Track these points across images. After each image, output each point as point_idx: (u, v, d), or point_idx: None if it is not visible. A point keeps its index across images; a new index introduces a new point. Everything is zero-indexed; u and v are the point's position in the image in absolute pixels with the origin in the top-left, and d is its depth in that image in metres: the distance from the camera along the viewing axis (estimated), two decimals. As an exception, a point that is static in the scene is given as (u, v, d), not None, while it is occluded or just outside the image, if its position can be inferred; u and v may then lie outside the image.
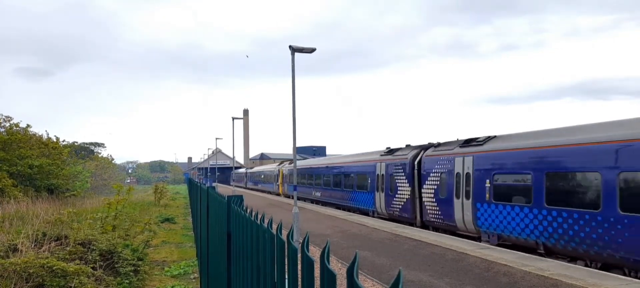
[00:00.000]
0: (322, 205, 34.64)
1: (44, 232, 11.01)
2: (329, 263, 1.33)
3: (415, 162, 21.49)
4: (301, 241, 1.62)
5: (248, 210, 3.04)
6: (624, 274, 11.48)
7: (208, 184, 10.70)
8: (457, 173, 17.90)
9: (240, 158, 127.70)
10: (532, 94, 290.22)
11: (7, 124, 33.03)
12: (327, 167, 35.02)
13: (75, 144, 52.97)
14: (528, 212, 14.40)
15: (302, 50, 19.20)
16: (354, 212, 27.59)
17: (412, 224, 21.45)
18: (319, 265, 1.40)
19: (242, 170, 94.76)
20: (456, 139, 19.69)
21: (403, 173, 22.18)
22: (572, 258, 13.09)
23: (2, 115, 33.13)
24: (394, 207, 23.08)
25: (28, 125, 34.89)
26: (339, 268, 12.31)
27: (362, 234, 18.52)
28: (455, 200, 18.04)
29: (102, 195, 33.08)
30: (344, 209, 29.71)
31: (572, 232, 12.82)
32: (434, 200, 19.54)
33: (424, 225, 20.68)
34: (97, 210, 17.06)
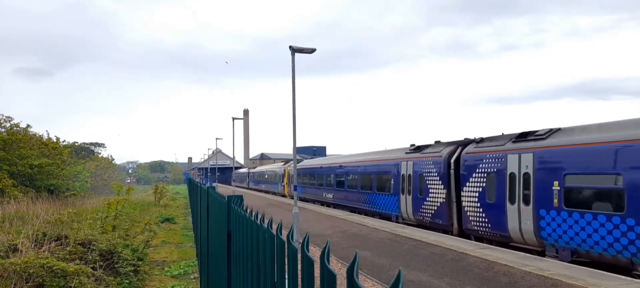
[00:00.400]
0: (334, 207, 31.62)
1: (44, 232, 11.02)
2: (329, 263, 1.33)
3: (452, 160, 18.61)
4: (301, 241, 1.63)
5: (248, 210, 3.04)
6: None
7: (208, 184, 10.70)
8: (511, 173, 15.13)
9: (240, 159, 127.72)
10: (532, 94, 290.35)
11: (8, 124, 33.05)
12: (340, 166, 31.91)
13: (76, 144, 52.99)
14: (619, 223, 11.65)
15: (302, 50, 19.20)
16: (372, 216, 24.93)
17: (446, 232, 18.70)
18: (319, 265, 1.40)
19: (244, 170, 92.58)
20: (501, 134, 17.13)
21: (436, 174, 19.43)
22: None
23: (3, 115, 33.16)
24: (424, 212, 20.21)
25: (28, 125, 34.93)
26: (339, 268, 12.31)
27: (362, 234, 18.52)
28: (508, 205, 15.18)
29: (102, 195, 33.10)
30: (360, 213, 26.90)
31: None
32: (478, 205, 16.68)
33: (464, 234, 17.79)
34: (97, 210, 17.07)
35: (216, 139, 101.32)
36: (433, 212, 19.63)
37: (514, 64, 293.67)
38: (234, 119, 49.95)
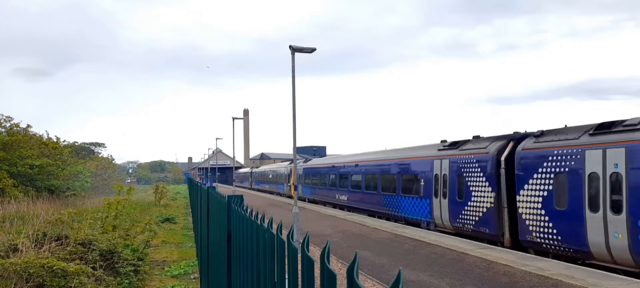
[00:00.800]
0: (349, 210, 28.86)
1: (44, 232, 11.03)
2: (329, 263, 1.33)
3: (502, 158, 15.79)
4: (301, 241, 1.63)
5: (248, 210, 3.04)
6: None
7: (208, 184, 10.70)
8: (592, 173, 12.46)
9: (240, 159, 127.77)
10: (532, 94, 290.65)
11: (8, 124, 33.07)
12: (356, 165, 28.89)
13: (76, 144, 53.02)
14: None
15: (302, 50, 19.21)
16: (397, 221, 22.45)
17: (494, 243, 15.88)
18: (319, 265, 1.40)
19: (246, 169, 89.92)
20: (565, 126, 14.63)
21: (480, 173, 16.63)
22: None
23: (3, 115, 33.19)
24: (464, 219, 17.34)
25: (28, 125, 34.96)
26: (339, 268, 12.32)
27: (362, 234, 18.52)
28: (588, 214, 12.47)
29: (102, 195, 33.11)
30: (381, 217, 24.39)
31: None
32: (543, 212, 13.94)
33: (519, 246, 15.00)
34: (98, 210, 17.08)
35: (216, 138, 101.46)
36: (477, 218, 16.67)
37: (514, 64, 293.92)
38: (234, 118, 50.00)
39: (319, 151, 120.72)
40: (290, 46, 18.90)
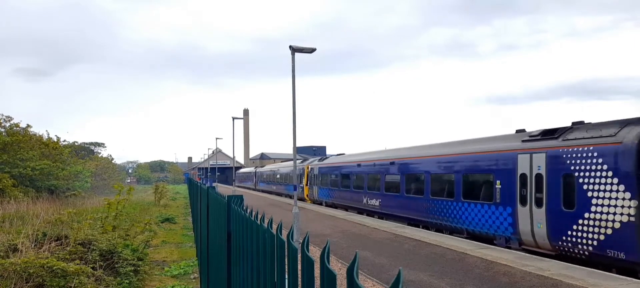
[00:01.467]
0: (382, 217, 24.14)
1: (44, 232, 11.03)
2: (329, 263, 1.33)
3: None
4: (301, 241, 1.63)
5: (248, 210, 3.04)
6: None
7: (208, 184, 10.70)
8: None
9: (240, 158, 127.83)
10: (532, 94, 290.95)
11: (8, 124, 33.06)
12: (391, 162, 23.59)
13: (76, 143, 53.02)
14: None
15: (302, 50, 19.21)
16: (453, 234, 17.99)
17: (634, 272, 11.29)
18: (319, 265, 1.40)
19: (249, 169, 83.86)
20: None
21: (608, 172, 11.91)
22: None
23: (3, 115, 33.16)
24: (577, 236, 12.64)
25: (28, 125, 34.94)
26: (339, 268, 12.32)
27: (362, 234, 18.52)
28: None
29: (102, 196, 33.11)
30: (429, 228, 19.70)
31: None
32: None
33: None
34: (98, 210, 17.07)
35: (216, 138, 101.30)
36: (601, 237, 11.98)
37: (514, 64, 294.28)
38: (234, 118, 50.00)
39: (319, 151, 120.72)
40: (290, 46, 18.91)
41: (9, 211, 18.42)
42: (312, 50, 19.43)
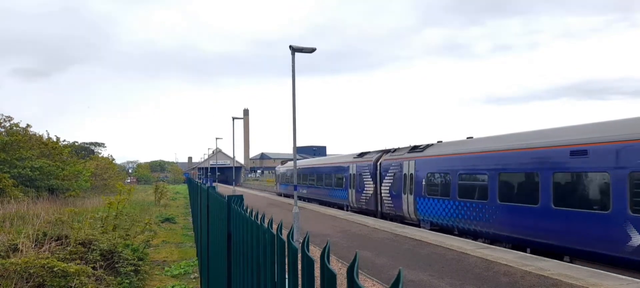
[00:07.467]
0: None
1: (44, 232, 11.02)
2: (329, 263, 1.33)
3: None
4: (301, 241, 1.63)
5: (248, 210, 3.04)
6: None
7: (208, 184, 10.70)
8: None
9: (240, 158, 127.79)
10: (528, 94, 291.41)
11: (8, 124, 33.03)
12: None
13: (76, 143, 52.97)
14: None
15: (302, 50, 19.20)
16: None
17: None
18: (319, 265, 1.40)
19: (278, 166, 55.40)
20: None
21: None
22: None
23: (2, 115, 33.11)
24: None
25: (28, 125, 34.90)
26: (339, 268, 12.32)
27: (362, 234, 18.52)
28: None
29: (102, 195, 33.09)
30: None
31: None
32: None
33: None
34: (98, 210, 17.07)
35: (216, 138, 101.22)
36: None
37: (510, 65, 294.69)
38: (234, 118, 49.96)
39: (319, 151, 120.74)
40: (290, 46, 18.90)
41: (9, 211, 18.40)
42: (312, 50, 19.42)
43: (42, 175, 31.28)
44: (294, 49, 18.95)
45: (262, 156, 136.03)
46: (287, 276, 1.87)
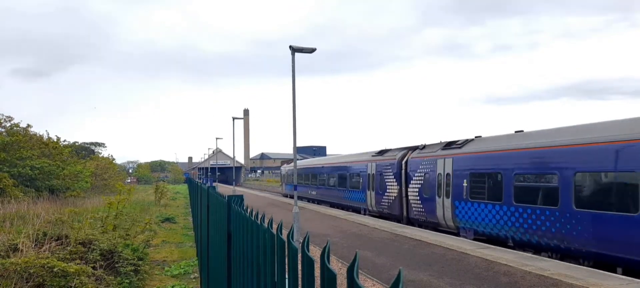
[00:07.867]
0: None
1: (44, 232, 11.02)
2: (329, 263, 1.33)
3: None
4: (301, 241, 1.63)
5: (248, 210, 3.04)
6: None
7: (208, 184, 10.70)
8: None
9: (240, 158, 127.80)
10: (528, 94, 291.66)
11: (8, 124, 33.03)
12: None
13: (76, 143, 52.96)
14: None
15: (302, 50, 19.19)
16: None
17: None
18: (319, 265, 1.40)
19: (284, 166, 52.86)
20: None
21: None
22: None
23: (3, 115, 33.11)
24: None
25: (28, 125, 34.91)
26: (339, 268, 12.31)
27: (362, 234, 18.52)
28: None
29: (102, 195, 33.08)
30: None
31: None
32: None
33: None
34: (98, 210, 17.07)
35: (216, 138, 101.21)
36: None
37: (510, 65, 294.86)
38: (234, 118, 49.96)
39: (319, 151, 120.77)
40: (290, 46, 18.90)
41: (9, 211, 18.40)
42: (312, 51, 19.41)
43: (42, 175, 31.28)
44: (294, 49, 18.95)
45: (262, 156, 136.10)
46: (287, 276, 1.87)
